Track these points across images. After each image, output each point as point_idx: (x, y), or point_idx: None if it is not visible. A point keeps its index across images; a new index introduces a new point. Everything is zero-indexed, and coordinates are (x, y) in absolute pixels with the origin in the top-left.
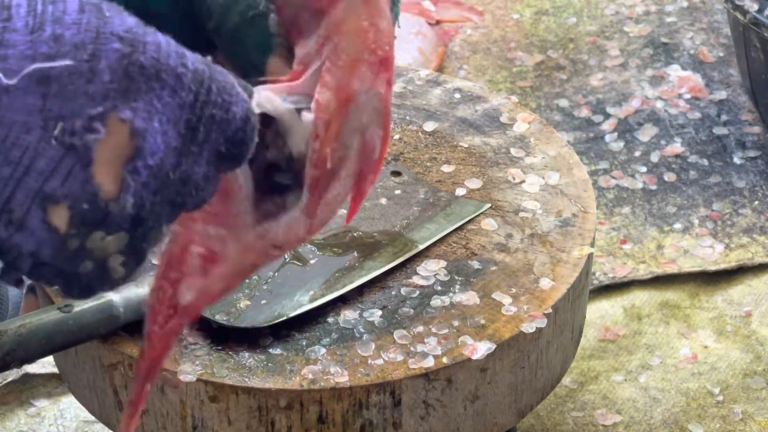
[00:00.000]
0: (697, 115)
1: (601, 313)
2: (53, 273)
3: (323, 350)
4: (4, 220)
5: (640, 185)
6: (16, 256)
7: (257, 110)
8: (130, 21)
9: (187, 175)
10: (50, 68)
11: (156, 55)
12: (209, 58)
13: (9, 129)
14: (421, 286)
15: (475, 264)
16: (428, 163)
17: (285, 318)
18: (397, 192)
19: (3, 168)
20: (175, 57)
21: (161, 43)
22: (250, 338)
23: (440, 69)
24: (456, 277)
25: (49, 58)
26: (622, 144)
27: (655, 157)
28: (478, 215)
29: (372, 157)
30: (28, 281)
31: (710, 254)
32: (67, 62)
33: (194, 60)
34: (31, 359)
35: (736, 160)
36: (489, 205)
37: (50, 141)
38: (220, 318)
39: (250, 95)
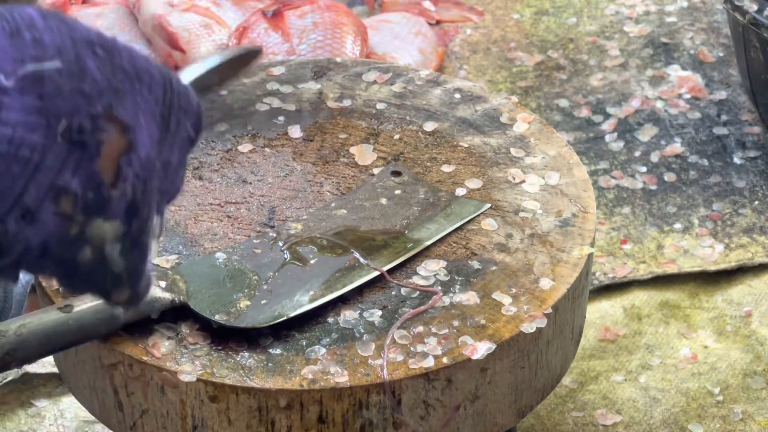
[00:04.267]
0: (697, 115)
1: (601, 313)
2: (54, 263)
3: (323, 350)
4: (15, 215)
5: (640, 185)
6: (23, 251)
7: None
8: (92, 30)
9: (167, 163)
10: (42, 69)
11: (130, 58)
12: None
13: (14, 129)
14: (421, 286)
15: (475, 264)
16: (428, 163)
17: (285, 318)
18: (397, 192)
19: (14, 166)
20: (143, 60)
21: (129, 48)
22: (250, 338)
23: (440, 69)
24: (456, 277)
25: (38, 60)
26: (622, 144)
27: (655, 157)
28: (478, 215)
29: None
30: (31, 280)
31: (710, 254)
32: (57, 63)
33: (154, 61)
34: (31, 359)
35: (736, 160)
36: (489, 205)
37: (56, 138)
38: (220, 318)
39: None
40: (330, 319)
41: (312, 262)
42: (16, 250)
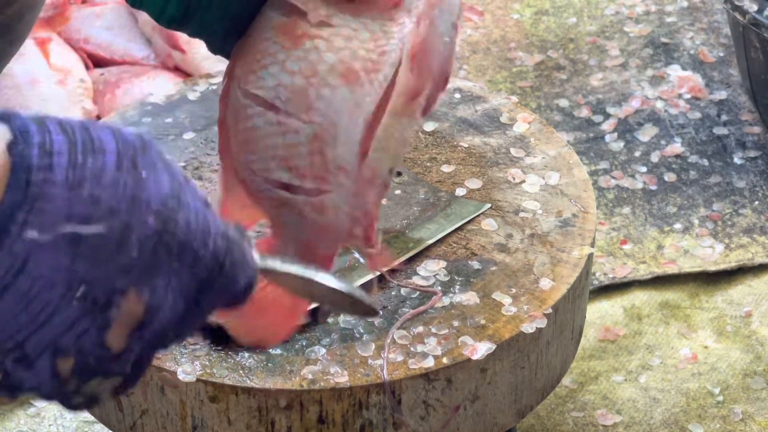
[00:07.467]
0: (697, 115)
1: (601, 313)
2: (45, 398)
3: (323, 350)
4: (12, 358)
5: (640, 185)
6: (16, 386)
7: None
8: (166, 186)
9: (183, 333)
10: (83, 233)
11: (183, 237)
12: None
13: (33, 282)
14: (421, 287)
15: (475, 264)
16: (428, 163)
17: None
18: (397, 192)
19: (22, 315)
20: (200, 237)
21: (191, 221)
22: None
23: None
24: (456, 278)
25: (85, 221)
26: (622, 144)
27: (655, 157)
28: (478, 215)
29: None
30: None
31: (710, 254)
32: (101, 229)
33: (217, 235)
34: None
35: (736, 160)
36: (489, 205)
37: (71, 301)
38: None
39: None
40: (330, 319)
41: None
42: (9, 383)
